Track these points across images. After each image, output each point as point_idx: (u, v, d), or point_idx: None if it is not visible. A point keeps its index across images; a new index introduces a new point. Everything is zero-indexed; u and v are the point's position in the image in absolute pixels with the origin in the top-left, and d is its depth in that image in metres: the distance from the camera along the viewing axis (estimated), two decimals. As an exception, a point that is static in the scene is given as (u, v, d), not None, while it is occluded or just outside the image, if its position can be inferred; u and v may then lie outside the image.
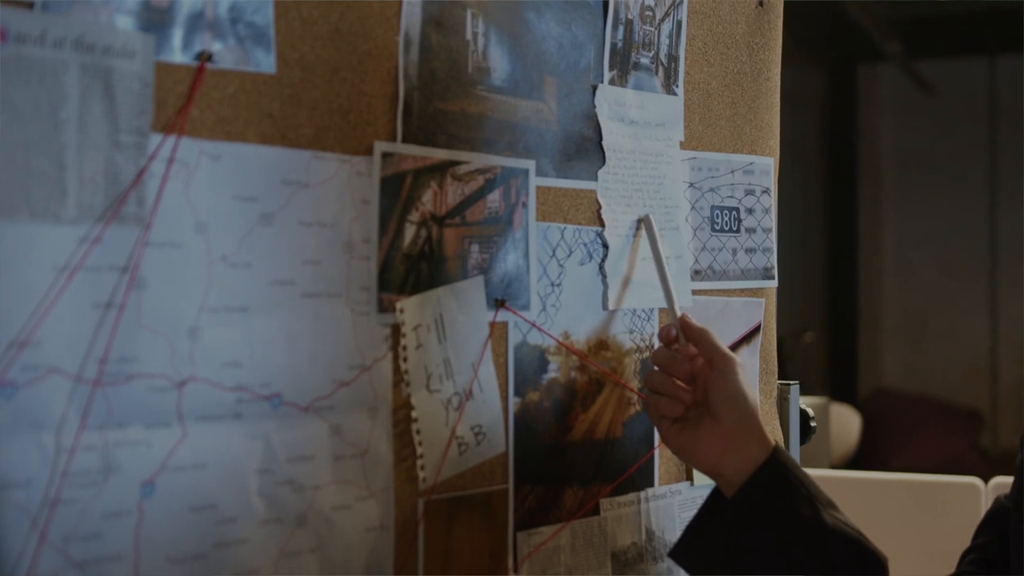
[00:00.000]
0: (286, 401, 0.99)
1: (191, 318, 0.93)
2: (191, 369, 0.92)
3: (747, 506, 1.15)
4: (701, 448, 1.18)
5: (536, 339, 1.21)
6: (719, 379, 1.18)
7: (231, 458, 0.95)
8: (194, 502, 0.93)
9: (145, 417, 0.89)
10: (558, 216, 1.24)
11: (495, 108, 1.18)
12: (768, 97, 1.50)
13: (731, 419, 1.17)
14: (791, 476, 1.16)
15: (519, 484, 1.19)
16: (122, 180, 0.89)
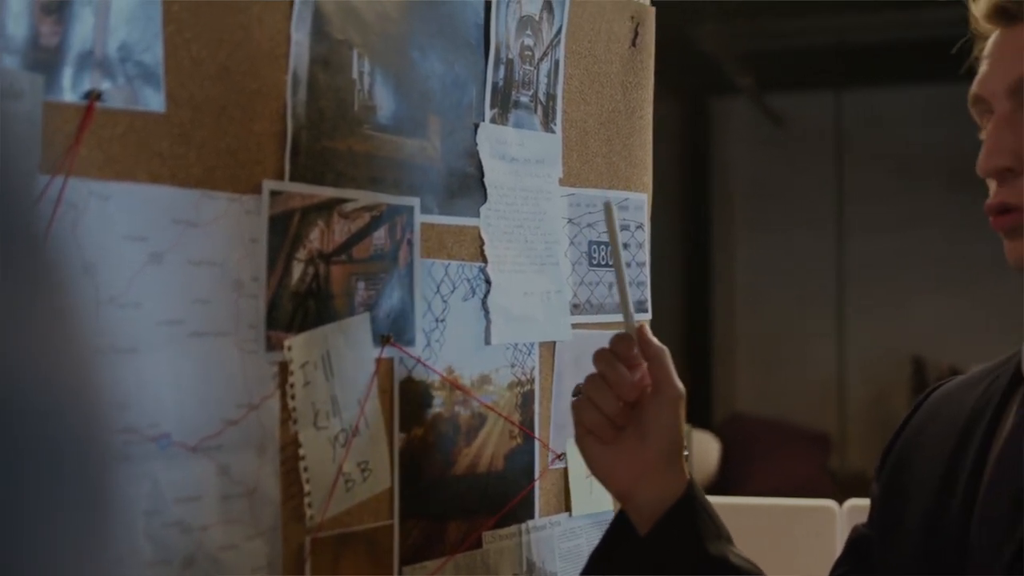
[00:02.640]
0: (174, 441, 0.99)
1: (79, 359, 0.91)
2: (80, 411, 0.91)
3: (663, 542, 1.16)
4: (618, 469, 1.17)
5: (421, 374, 1.23)
6: (662, 407, 1.16)
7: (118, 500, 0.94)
8: (82, 546, 0.91)
9: (33, 461, 0.88)
10: (442, 253, 1.26)
11: (381, 146, 1.19)
12: (641, 135, 1.55)
13: (659, 448, 1.16)
14: (705, 513, 1.17)
15: (404, 519, 1.20)
16: (10, 220, 0.87)
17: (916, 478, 1.26)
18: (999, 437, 1.18)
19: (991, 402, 1.22)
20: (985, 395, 1.25)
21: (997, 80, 1.14)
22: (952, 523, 1.16)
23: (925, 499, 1.21)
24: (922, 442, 1.29)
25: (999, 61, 1.14)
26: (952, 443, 1.23)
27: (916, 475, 1.26)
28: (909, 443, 1.31)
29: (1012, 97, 1.12)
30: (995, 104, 1.14)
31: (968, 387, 1.29)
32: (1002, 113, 1.13)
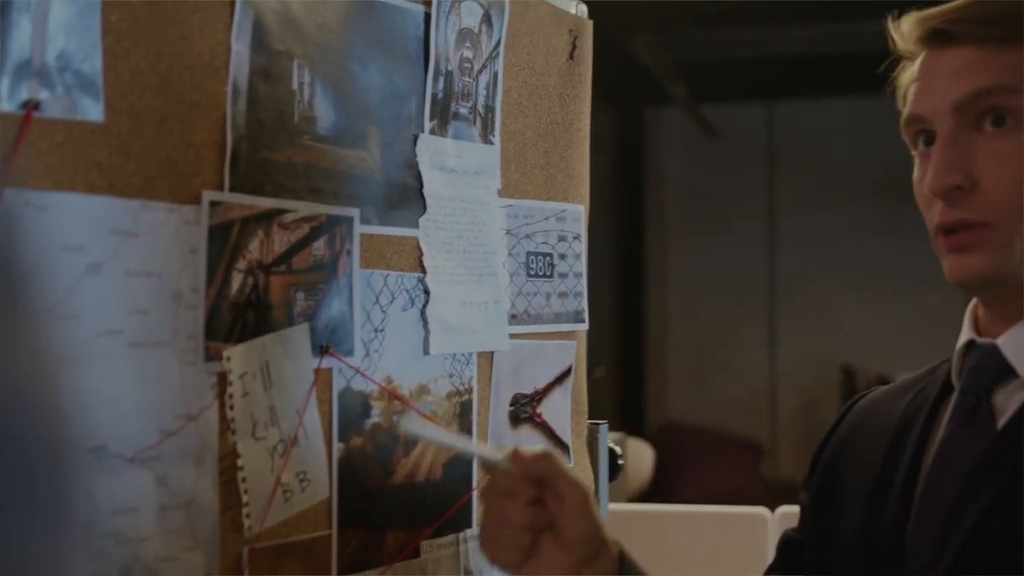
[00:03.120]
0: (111, 453, 0.98)
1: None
2: (16, 422, 0.91)
3: None
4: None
5: (360, 385, 1.23)
6: (572, 514, 1.11)
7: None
8: (18, 558, 0.91)
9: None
10: (381, 263, 1.26)
11: (321, 157, 1.20)
12: (579, 147, 1.56)
13: (580, 550, 1.11)
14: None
15: (342, 529, 1.20)
16: (-53, 230, 0.87)
17: (847, 488, 1.27)
18: (930, 448, 1.20)
19: (920, 412, 1.24)
20: (913, 405, 1.27)
21: (938, 100, 1.16)
22: (886, 535, 1.18)
23: (858, 510, 1.23)
24: (851, 452, 1.31)
25: (938, 81, 1.16)
26: (882, 453, 1.25)
27: (847, 485, 1.28)
28: (838, 452, 1.33)
29: (955, 115, 1.15)
30: (937, 124, 1.16)
31: (895, 397, 1.32)
32: (947, 131, 1.15)
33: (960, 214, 1.14)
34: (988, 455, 1.14)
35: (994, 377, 1.17)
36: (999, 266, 1.14)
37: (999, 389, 1.17)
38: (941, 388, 1.24)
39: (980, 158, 1.14)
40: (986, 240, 1.13)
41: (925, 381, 1.29)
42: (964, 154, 1.14)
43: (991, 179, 1.13)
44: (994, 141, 1.13)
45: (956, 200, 1.14)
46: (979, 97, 1.13)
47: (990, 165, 1.13)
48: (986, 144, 1.13)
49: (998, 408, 1.16)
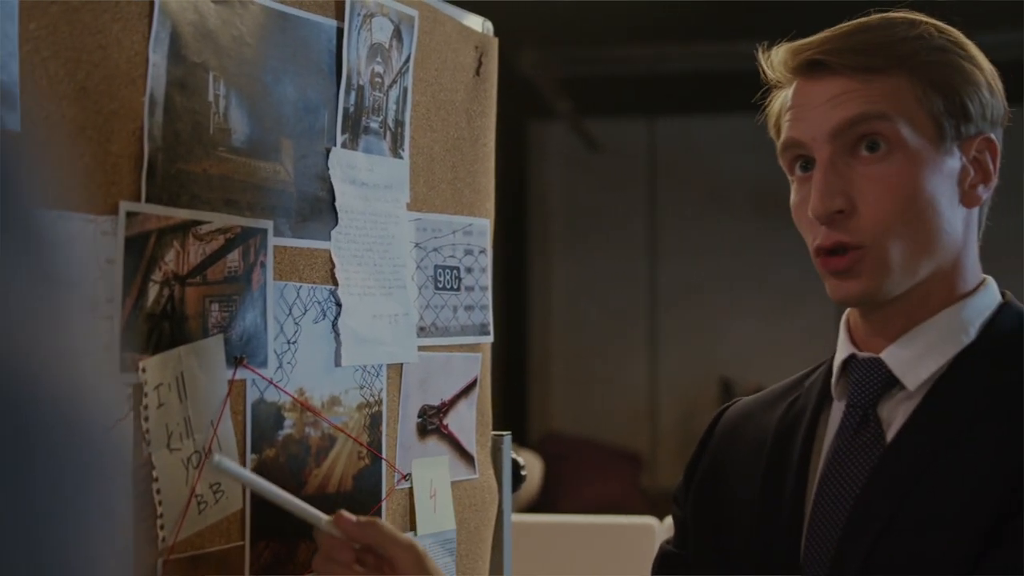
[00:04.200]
0: (28, 464, 0.97)
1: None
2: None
3: None
4: None
5: (273, 396, 1.23)
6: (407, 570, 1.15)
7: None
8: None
9: None
10: (294, 275, 1.27)
11: (235, 169, 1.20)
12: (485, 162, 1.59)
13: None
14: None
15: (255, 540, 1.20)
16: None
17: (729, 503, 1.30)
18: (816, 462, 1.24)
19: (799, 424, 1.28)
20: (789, 416, 1.30)
21: (816, 126, 1.21)
22: (779, 552, 1.21)
23: (745, 527, 1.26)
24: (728, 465, 1.33)
25: (814, 109, 1.21)
26: (762, 466, 1.28)
27: (729, 500, 1.31)
28: (714, 466, 1.35)
29: (833, 142, 1.20)
30: (816, 150, 1.21)
31: (766, 407, 1.35)
32: (825, 158, 1.20)
33: (840, 236, 1.19)
34: (880, 469, 1.18)
35: (880, 390, 1.22)
36: (878, 287, 1.19)
37: (884, 401, 1.22)
38: (818, 399, 1.28)
39: (858, 182, 1.19)
40: (864, 261, 1.18)
41: (797, 392, 1.33)
42: (843, 179, 1.19)
43: (868, 203, 1.18)
44: (869, 166, 1.19)
45: (837, 223, 1.19)
46: (855, 124, 1.19)
47: (867, 189, 1.18)
48: (862, 169, 1.19)
49: (884, 420, 1.21)
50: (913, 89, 1.19)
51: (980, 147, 1.23)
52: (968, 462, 1.14)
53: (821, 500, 1.21)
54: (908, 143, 1.19)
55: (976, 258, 1.26)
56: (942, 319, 1.23)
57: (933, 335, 1.22)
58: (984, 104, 1.22)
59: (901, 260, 1.19)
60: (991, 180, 1.25)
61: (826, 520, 1.20)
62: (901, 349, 1.22)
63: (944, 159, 1.20)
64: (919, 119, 1.19)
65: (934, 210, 1.20)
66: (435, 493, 1.44)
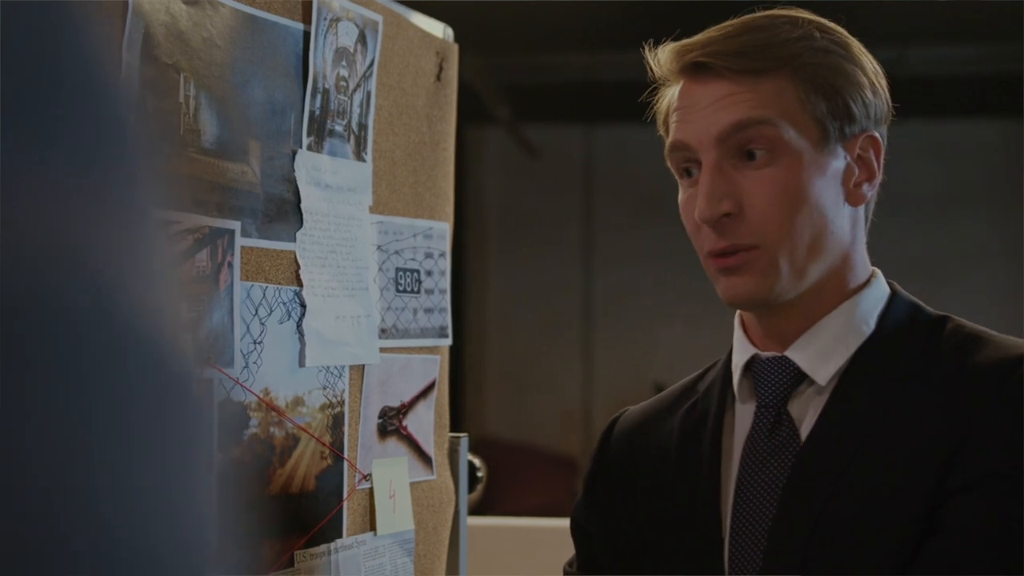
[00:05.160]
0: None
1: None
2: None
3: None
4: None
5: (239, 396, 1.24)
6: None
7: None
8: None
9: None
10: (260, 276, 1.28)
11: (204, 170, 1.21)
12: (444, 166, 1.61)
13: None
14: None
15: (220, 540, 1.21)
16: None
17: (640, 514, 1.29)
18: (729, 467, 1.24)
19: (703, 429, 1.27)
20: (689, 422, 1.29)
21: (702, 131, 1.21)
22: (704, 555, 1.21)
23: (662, 536, 1.25)
24: (631, 476, 1.33)
25: (699, 112, 1.22)
26: (670, 474, 1.27)
27: (638, 511, 1.29)
28: (616, 478, 1.35)
29: (718, 146, 1.20)
30: (703, 153, 1.21)
31: (661, 415, 1.34)
32: (712, 161, 1.20)
33: (728, 240, 1.20)
34: (798, 468, 1.19)
35: (790, 387, 1.23)
36: (769, 287, 1.20)
37: (793, 399, 1.23)
38: (719, 402, 1.28)
39: (744, 185, 1.20)
40: (754, 261, 1.19)
41: (692, 397, 1.32)
42: (730, 182, 1.20)
43: (755, 206, 1.19)
44: (755, 170, 1.19)
45: (725, 227, 1.20)
46: (739, 129, 1.19)
47: (754, 192, 1.19)
48: (749, 173, 1.20)
49: (796, 417, 1.22)
50: (796, 91, 1.20)
51: (864, 145, 1.24)
52: (886, 455, 1.15)
53: (741, 505, 1.21)
54: (792, 146, 1.19)
55: (864, 253, 1.28)
56: (840, 314, 1.24)
57: (834, 330, 1.23)
58: (867, 103, 1.23)
59: (790, 262, 1.20)
60: (875, 177, 1.26)
61: (749, 525, 1.19)
62: (805, 345, 1.23)
63: (828, 160, 1.21)
64: (802, 121, 1.20)
65: (820, 212, 1.21)
66: (394, 494, 1.45)
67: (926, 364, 1.20)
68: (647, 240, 6.96)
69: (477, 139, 7.31)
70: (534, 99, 6.68)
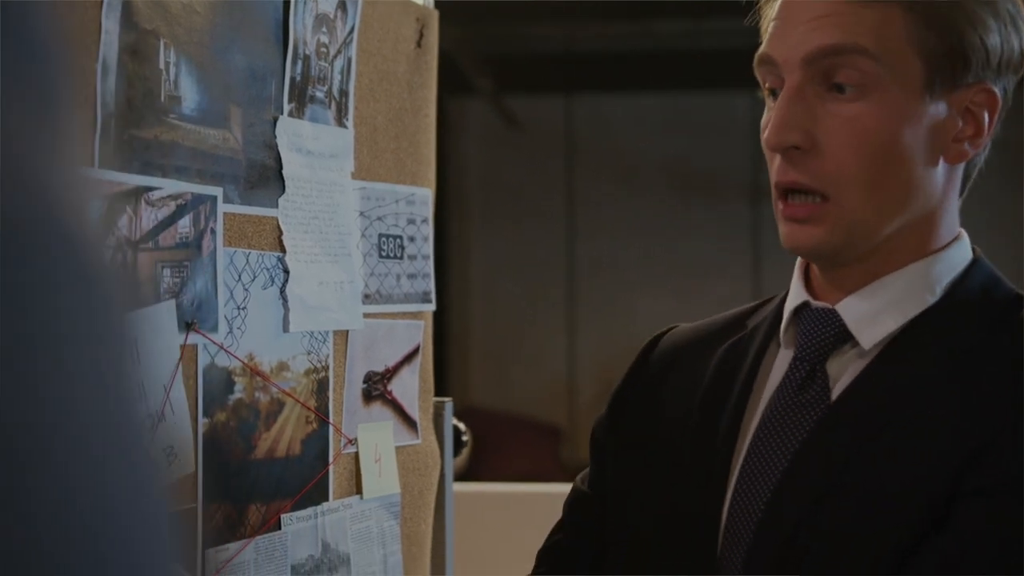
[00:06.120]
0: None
1: None
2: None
3: None
4: None
5: (224, 361, 1.25)
6: None
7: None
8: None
9: None
10: (243, 242, 1.28)
11: (185, 136, 1.21)
12: (426, 133, 1.61)
13: None
14: None
15: (207, 503, 1.22)
16: None
17: (658, 441, 1.21)
18: (754, 410, 1.15)
19: (740, 367, 1.18)
20: (731, 356, 1.20)
21: (791, 47, 1.08)
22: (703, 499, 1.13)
23: (672, 471, 1.17)
24: (660, 399, 1.24)
25: (795, 27, 1.09)
26: (696, 405, 1.18)
27: (657, 438, 1.21)
28: (645, 397, 1.25)
29: (805, 68, 1.07)
30: (786, 72, 1.09)
31: (706, 343, 1.24)
32: (794, 84, 1.08)
33: (797, 176, 1.08)
34: (818, 432, 1.10)
35: (831, 344, 1.12)
36: (836, 243, 1.09)
37: (834, 357, 1.12)
38: (762, 343, 1.18)
39: (825, 119, 1.07)
40: (824, 215, 1.08)
41: (740, 332, 1.22)
42: (808, 111, 1.07)
43: (832, 146, 1.07)
44: (841, 104, 1.07)
45: (795, 160, 1.08)
46: (829, 54, 1.07)
47: (834, 130, 1.07)
48: (833, 106, 1.07)
49: (832, 376, 1.12)
50: (905, 23, 1.07)
51: (977, 98, 1.10)
52: (914, 435, 1.06)
53: (753, 457, 1.12)
54: (887, 85, 1.06)
55: (955, 215, 1.15)
56: (907, 274, 1.12)
57: (895, 290, 1.12)
58: (989, 50, 1.08)
59: (864, 219, 1.08)
60: (983, 135, 1.11)
61: (754, 481, 1.11)
62: (859, 302, 1.12)
63: (928, 107, 1.08)
64: (905, 59, 1.07)
65: (908, 165, 1.08)
66: (380, 458, 1.46)
67: (985, 346, 1.08)
68: (629, 211, 6.97)
69: (458, 110, 7.29)
70: (515, 70, 6.66)
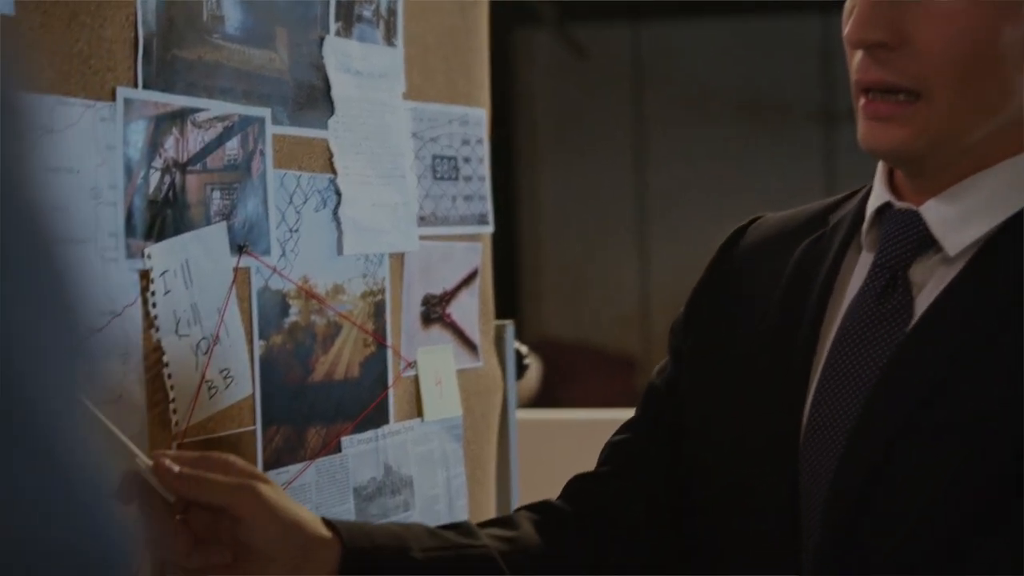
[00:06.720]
0: (39, 350, 0.98)
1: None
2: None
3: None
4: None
5: (277, 284, 1.24)
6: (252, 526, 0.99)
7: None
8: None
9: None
10: (293, 164, 1.27)
11: (230, 57, 1.19)
12: (479, 53, 1.58)
13: (286, 554, 1.01)
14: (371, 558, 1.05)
15: (266, 425, 1.21)
16: None
17: (736, 340, 1.14)
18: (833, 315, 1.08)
19: (820, 267, 1.10)
20: (813, 253, 1.12)
21: None
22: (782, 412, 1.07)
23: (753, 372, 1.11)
24: (741, 294, 1.17)
25: None
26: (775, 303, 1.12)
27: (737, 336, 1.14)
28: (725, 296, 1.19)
29: None
30: None
31: (789, 237, 1.16)
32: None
33: (882, 74, 1.01)
34: (905, 350, 1.02)
35: (914, 250, 1.05)
36: (923, 145, 1.02)
37: (918, 263, 1.05)
38: (842, 244, 1.11)
39: (916, 14, 0.99)
40: (911, 115, 1.00)
41: (822, 228, 1.14)
42: (896, 5, 1.00)
43: (924, 42, 0.99)
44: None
45: (879, 57, 1.00)
46: None
47: (926, 26, 0.99)
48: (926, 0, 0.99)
49: (916, 284, 1.05)
50: None
51: None
52: (1007, 357, 0.98)
53: (832, 371, 1.05)
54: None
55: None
56: (1000, 172, 1.03)
57: (986, 191, 1.03)
58: None
59: (954, 121, 1.01)
60: None
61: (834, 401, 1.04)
62: (945, 204, 1.04)
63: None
64: None
65: (1005, 67, 1.00)
66: (440, 380, 1.45)
67: None
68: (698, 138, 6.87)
69: (524, 41, 7.22)
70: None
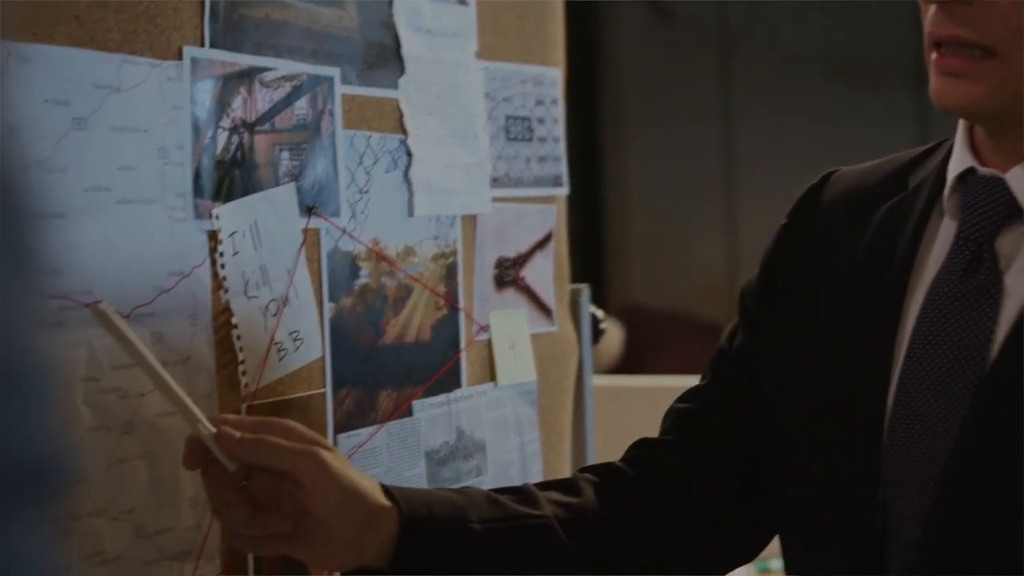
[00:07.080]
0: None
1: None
2: (12, 277, 0.90)
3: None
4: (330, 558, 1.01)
5: (347, 246, 1.22)
6: (313, 492, 0.96)
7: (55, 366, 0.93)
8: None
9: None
10: (363, 124, 1.25)
11: (297, 15, 1.18)
12: (553, 12, 1.54)
13: (345, 523, 0.98)
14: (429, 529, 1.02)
15: (336, 388, 1.21)
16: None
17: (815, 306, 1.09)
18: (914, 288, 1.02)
19: (902, 232, 1.05)
20: (894, 216, 1.06)
21: None
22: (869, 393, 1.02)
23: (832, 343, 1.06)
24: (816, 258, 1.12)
25: None
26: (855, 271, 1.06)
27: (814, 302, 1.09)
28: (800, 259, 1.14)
29: None
30: None
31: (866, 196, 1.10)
32: None
33: (957, 29, 0.96)
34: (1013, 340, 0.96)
35: (1000, 219, 0.99)
36: (998, 103, 0.97)
37: (1004, 234, 0.99)
38: (924, 210, 1.05)
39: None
40: (986, 72, 0.96)
41: (902, 191, 1.08)
42: None
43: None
44: None
45: (954, 11, 0.96)
46: None
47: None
48: None
49: (1003, 257, 0.99)
50: None
51: None
52: None
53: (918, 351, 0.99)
54: None
55: None
56: None
57: None
58: None
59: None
60: None
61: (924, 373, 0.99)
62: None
63: None
64: None
65: None
66: (514, 344, 1.43)
67: None
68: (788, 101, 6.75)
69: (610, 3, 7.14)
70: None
